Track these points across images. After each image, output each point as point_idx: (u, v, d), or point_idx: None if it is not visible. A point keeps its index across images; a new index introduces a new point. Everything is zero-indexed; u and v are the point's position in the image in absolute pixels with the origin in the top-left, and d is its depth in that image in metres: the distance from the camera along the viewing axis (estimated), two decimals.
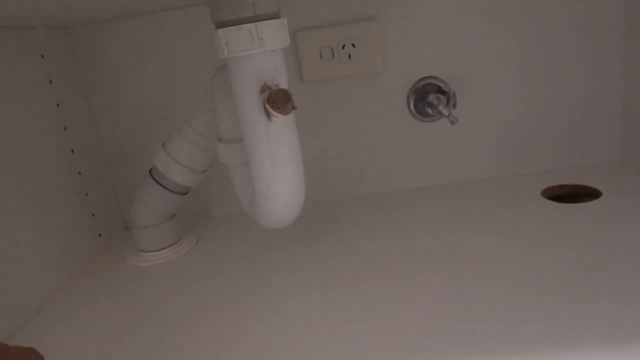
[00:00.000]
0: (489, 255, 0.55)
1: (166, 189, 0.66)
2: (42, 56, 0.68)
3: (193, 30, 0.72)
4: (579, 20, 0.69)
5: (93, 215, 0.74)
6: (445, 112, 0.67)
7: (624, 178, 0.70)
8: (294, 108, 0.45)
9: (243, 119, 0.48)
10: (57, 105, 0.69)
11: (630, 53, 0.69)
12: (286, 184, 0.50)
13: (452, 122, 0.66)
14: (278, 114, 0.44)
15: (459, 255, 0.56)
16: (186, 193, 0.69)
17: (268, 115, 0.45)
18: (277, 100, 0.43)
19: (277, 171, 0.49)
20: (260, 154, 0.48)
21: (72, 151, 0.71)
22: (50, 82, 0.69)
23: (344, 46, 0.71)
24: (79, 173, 0.72)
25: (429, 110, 0.71)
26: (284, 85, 0.47)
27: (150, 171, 0.67)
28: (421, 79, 0.73)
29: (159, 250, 0.70)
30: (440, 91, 0.72)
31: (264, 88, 0.45)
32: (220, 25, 0.45)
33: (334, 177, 0.79)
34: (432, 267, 0.54)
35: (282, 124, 0.47)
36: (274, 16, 0.46)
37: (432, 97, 0.69)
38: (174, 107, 0.76)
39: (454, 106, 0.71)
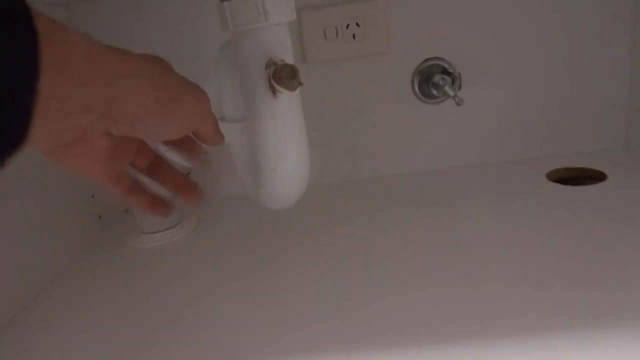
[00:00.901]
0: (493, 239, 0.55)
1: None
2: None
3: (196, 6, 0.70)
4: (587, 5, 0.68)
5: (93, 196, 0.73)
6: (451, 93, 0.66)
7: (629, 162, 0.69)
8: (300, 84, 0.43)
9: (247, 95, 0.47)
10: None
11: (638, 39, 0.68)
12: (291, 163, 0.48)
13: (457, 103, 0.65)
14: (284, 90, 0.43)
15: (464, 240, 0.56)
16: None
17: (273, 91, 0.44)
18: (283, 75, 0.42)
19: (282, 150, 0.48)
20: (265, 132, 0.47)
21: None
22: None
23: (348, 25, 0.70)
24: None
25: (434, 92, 0.70)
26: (289, 60, 0.45)
27: None
28: (426, 60, 0.71)
29: (159, 232, 0.69)
30: (446, 72, 0.71)
31: (270, 63, 0.44)
32: None
33: (338, 160, 0.78)
34: (438, 252, 0.54)
35: (288, 101, 0.46)
36: None
37: (437, 78, 0.68)
38: None
39: (459, 87, 0.70)
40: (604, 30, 0.69)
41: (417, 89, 0.72)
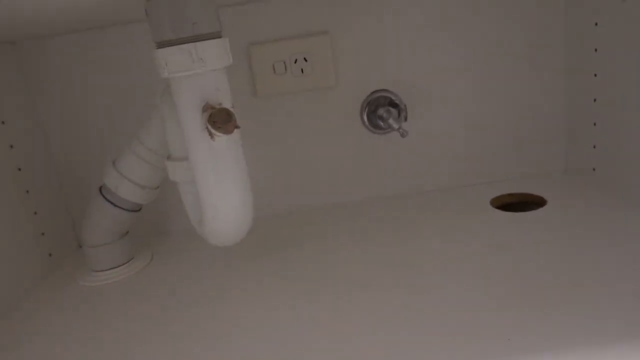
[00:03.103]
0: (439, 266, 0.56)
1: (117, 206, 0.65)
2: None
3: (141, 45, 0.71)
4: (524, 37, 0.72)
5: (43, 234, 0.72)
6: (395, 126, 0.68)
7: (569, 186, 0.73)
8: (236, 127, 0.45)
9: (187, 139, 0.48)
10: (3, 122, 0.67)
11: (570, 69, 0.72)
12: (232, 204, 0.49)
13: (402, 135, 0.67)
14: (220, 134, 0.44)
15: (410, 267, 0.57)
16: (138, 210, 0.68)
17: (211, 134, 0.45)
18: (217, 119, 0.43)
19: (222, 191, 0.49)
20: (205, 173, 0.48)
21: (19, 169, 0.69)
22: None
23: (296, 60, 0.72)
24: (27, 192, 0.70)
25: (381, 123, 0.72)
26: (227, 104, 0.47)
27: (100, 189, 0.66)
28: (373, 92, 0.74)
29: (111, 268, 0.68)
30: (392, 104, 0.73)
31: (206, 107, 0.45)
32: (161, 45, 0.45)
33: (289, 191, 0.79)
34: (383, 279, 0.55)
35: (226, 144, 0.47)
36: (215, 36, 0.46)
37: (382, 111, 0.71)
38: (126, 122, 0.75)
39: (405, 119, 0.73)
40: (541, 64, 0.73)
41: (365, 120, 0.75)
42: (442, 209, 0.71)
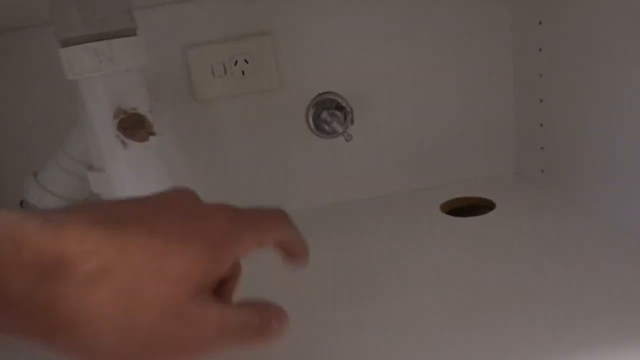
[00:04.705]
0: (388, 273, 0.54)
1: None
2: None
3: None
4: (472, 38, 0.70)
5: None
6: (340, 129, 0.65)
7: (518, 189, 0.71)
8: (151, 134, 0.41)
9: (100, 147, 0.44)
10: None
11: (518, 69, 0.70)
12: None
13: (346, 139, 0.65)
14: (131, 141, 0.40)
15: (358, 275, 0.54)
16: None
17: (123, 142, 0.41)
18: (128, 126, 0.39)
19: None
20: (122, 186, 0.44)
21: None
22: None
23: (236, 62, 0.68)
24: None
25: (326, 127, 0.69)
26: (143, 108, 0.43)
27: (21, 203, 0.61)
28: (319, 95, 0.71)
29: None
30: (339, 107, 0.70)
31: (118, 112, 0.41)
32: (65, 43, 0.41)
33: (231, 199, 0.74)
34: (328, 288, 0.52)
35: (143, 152, 0.43)
36: (128, 33, 0.42)
37: (325, 114, 0.68)
38: (50, 131, 0.69)
39: (352, 122, 0.70)
40: (489, 58, 0.71)
41: (311, 124, 0.71)
42: (389, 215, 0.69)
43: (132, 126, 0.39)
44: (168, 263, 0.22)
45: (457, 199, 0.70)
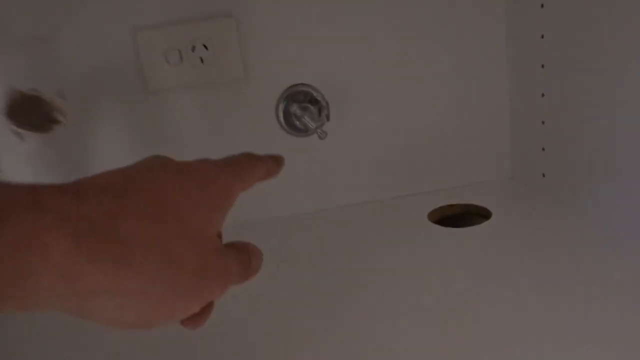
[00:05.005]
0: (370, 289, 0.45)
1: None
2: None
3: None
4: (464, 29, 0.62)
5: None
6: (312, 125, 0.56)
7: (516, 195, 0.63)
8: (54, 122, 0.31)
9: None
10: None
11: (514, 59, 0.62)
12: None
13: (320, 137, 0.56)
14: (26, 131, 0.31)
15: (338, 292, 0.45)
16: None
17: (17, 134, 0.32)
18: (20, 110, 0.30)
19: None
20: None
21: None
22: None
23: (194, 48, 0.59)
24: None
25: (297, 123, 0.60)
26: (47, 92, 0.33)
27: None
28: (290, 87, 0.62)
29: None
30: (313, 101, 0.62)
31: (10, 94, 0.32)
32: None
33: None
34: (309, 303, 0.44)
35: (47, 147, 0.34)
36: None
37: (295, 108, 0.59)
38: None
39: (327, 118, 0.61)
40: (481, 49, 0.63)
41: (282, 121, 0.63)
42: (370, 226, 0.60)
43: (27, 112, 0.30)
44: (191, 225, 0.23)
45: (449, 206, 0.61)
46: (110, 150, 0.60)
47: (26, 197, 0.18)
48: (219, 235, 0.28)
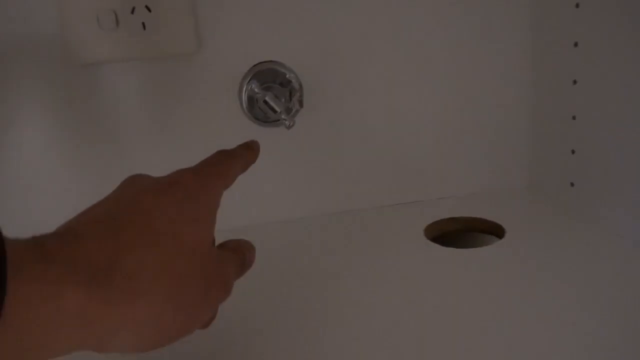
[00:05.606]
0: (354, 315, 0.33)
1: None
2: None
3: None
4: (488, 34, 0.51)
5: None
6: (278, 109, 0.44)
7: (536, 208, 0.51)
8: None
9: None
10: None
11: (538, 35, 0.50)
12: None
13: (287, 126, 0.44)
14: None
15: (315, 319, 0.33)
16: None
17: None
18: None
19: None
20: None
21: None
22: None
23: (133, 10, 0.47)
24: None
25: (259, 108, 0.48)
26: None
27: None
28: (257, 64, 0.50)
29: None
30: (285, 83, 0.49)
31: None
32: None
33: None
34: (289, 327, 0.33)
35: None
36: None
37: (257, 88, 0.46)
38: None
39: (301, 104, 0.49)
40: (504, 62, 0.52)
41: (245, 106, 0.50)
42: (351, 242, 0.48)
43: None
44: (186, 240, 0.24)
45: (452, 219, 0.49)
46: (33, 139, 0.48)
47: (32, 250, 0.19)
48: (213, 240, 0.28)
